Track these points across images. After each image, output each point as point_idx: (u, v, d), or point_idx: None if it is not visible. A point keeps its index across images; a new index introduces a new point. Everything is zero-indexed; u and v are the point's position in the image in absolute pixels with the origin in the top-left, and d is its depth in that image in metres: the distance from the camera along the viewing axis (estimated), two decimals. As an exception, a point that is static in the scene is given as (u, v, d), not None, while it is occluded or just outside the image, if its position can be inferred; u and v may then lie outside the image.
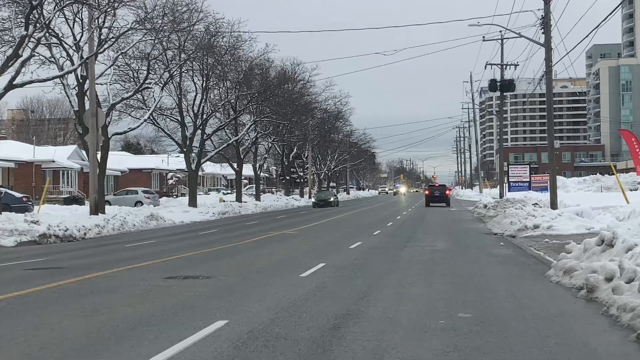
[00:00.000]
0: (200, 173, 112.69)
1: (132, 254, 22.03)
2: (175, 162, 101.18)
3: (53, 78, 36.56)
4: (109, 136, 45.10)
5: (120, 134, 51.60)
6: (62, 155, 71.88)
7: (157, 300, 11.96)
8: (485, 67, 70.18)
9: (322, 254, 21.10)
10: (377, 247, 23.31)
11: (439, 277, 15.20)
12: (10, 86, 33.37)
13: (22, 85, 33.87)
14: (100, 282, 14.65)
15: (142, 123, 48.50)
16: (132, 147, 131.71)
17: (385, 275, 15.56)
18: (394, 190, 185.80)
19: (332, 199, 73.67)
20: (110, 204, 60.30)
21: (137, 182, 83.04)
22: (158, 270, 16.70)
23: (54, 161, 70.70)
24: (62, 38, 42.40)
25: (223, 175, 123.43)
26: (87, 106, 40.36)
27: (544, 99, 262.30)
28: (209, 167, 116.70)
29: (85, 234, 33.64)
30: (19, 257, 21.81)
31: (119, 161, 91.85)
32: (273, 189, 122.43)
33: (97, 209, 38.81)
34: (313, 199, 75.26)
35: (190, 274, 15.71)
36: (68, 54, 42.36)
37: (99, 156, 44.19)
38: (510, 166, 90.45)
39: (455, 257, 20.08)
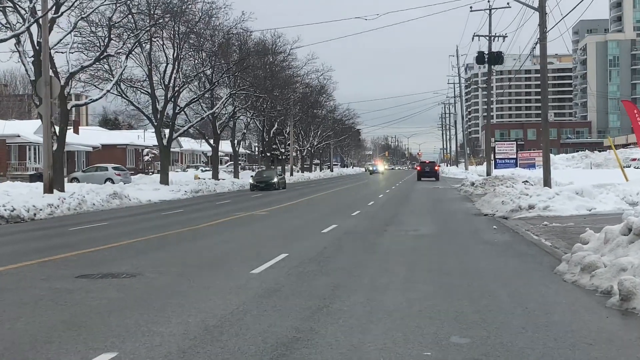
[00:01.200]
0: (178, 149, 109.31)
1: (67, 240, 18.91)
2: (151, 138, 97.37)
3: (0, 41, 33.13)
4: (69, 108, 41.70)
5: (81, 105, 48.23)
6: (29, 129, 68.17)
7: (41, 315, 8.85)
8: (473, 38, 67.50)
9: (288, 240, 18.05)
10: (353, 232, 20.27)
11: (423, 275, 12.17)
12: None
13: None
14: (-4, 281, 11.56)
15: (104, 94, 44.98)
16: (110, 123, 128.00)
17: (356, 272, 12.51)
18: (370, 169, 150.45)
19: (275, 180, 58.16)
20: (79, 181, 57.29)
21: (110, 159, 79.53)
22: (77, 264, 13.58)
23: (19, 136, 67.07)
24: (17, 2, 38.94)
25: (203, 152, 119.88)
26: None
27: (530, 75, 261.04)
28: (189, 144, 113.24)
29: (35, 214, 30.50)
30: None
31: (92, 137, 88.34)
32: (254, 166, 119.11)
33: (52, 186, 35.51)
34: (250, 180, 59.59)
35: (114, 271, 12.60)
36: (24, 19, 38.90)
37: (57, 129, 40.97)
38: (496, 143, 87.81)
39: (443, 245, 17.08)
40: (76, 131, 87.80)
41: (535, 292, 10.47)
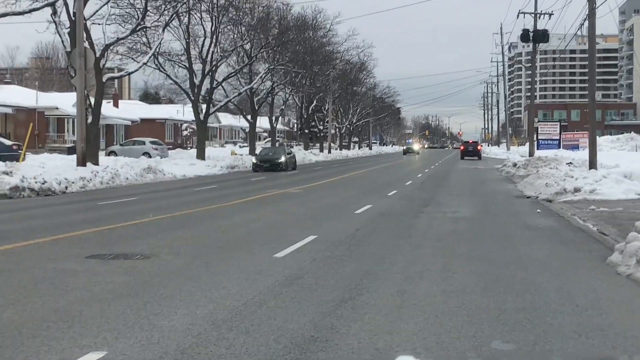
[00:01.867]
0: (217, 125, 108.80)
1: (90, 215, 18.17)
2: (190, 112, 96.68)
3: (32, 11, 32.49)
4: (104, 80, 41.03)
5: (116, 77, 47.65)
6: (67, 102, 67.69)
7: (35, 302, 7.98)
8: (518, 16, 66.04)
9: (319, 220, 17.10)
10: (388, 213, 19.26)
11: (461, 263, 11.15)
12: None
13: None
14: None
15: (140, 66, 44.31)
16: (150, 97, 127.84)
17: (388, 258, 11.53)
18: (405, 147, 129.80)
19: (282, 159, 47.93)
20: (117, 155, 56.96)
21: (149, 133, 79.02)
22: (91, 242, 12.76)
23: (57, 108, 66.80)
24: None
25: (241, 128, 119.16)
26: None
27: (575, 55, 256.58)
28: (228, 119, 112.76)
29: (66, 187, 29.91)
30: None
31: (131, 110, 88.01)
32: (293, 143, 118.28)
33: (85, 160, 34.92)
34: (253, 159, 49.83)
35: (128, 251, 11.75)
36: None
37: (92, 101, 40.36)
38: (539, 123, 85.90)
39: (483, 229, 16.01)
40: (116, 105, 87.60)
41: (585, 286, 9.41)
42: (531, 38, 60.03)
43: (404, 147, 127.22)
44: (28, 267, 10.14)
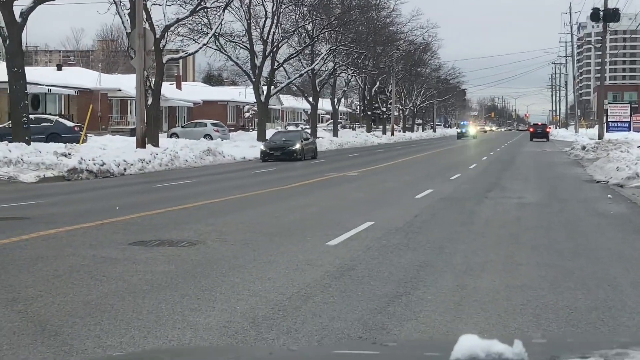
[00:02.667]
0: (279, 107, 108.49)
1: (143, 198, 17.80)
2: (253, 94, 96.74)
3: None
4: (164, 61, 40.80)
5: (176, 58, 47.45)
6: (130, 83, 67.93)
7: (66, 293, 7.48)
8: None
9: (376, 205, 16.42)
10: (450, 198, 18.47)
11: (527, 253, 10.37)
12: None
13: (53, -2, 29.87)
14: (36, 246, 10.34)
15: (200, 47, 44.04)
16: (213, 79, 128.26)
17: (448, 247, 10.80)
18: (459, 130, 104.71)
19: (297, 147, 38.46)
20: (179, 137, 57.06)
21: (212, 115, 79.11)
22: (138, 227, 12.28)
23: (120, 90, 67.10)
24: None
25: (304, 110, 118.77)
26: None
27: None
28: (290, 101, 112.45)
29: (125, 169, 29.75)
30: (5, 199, 17.76)
31: (194, 92, 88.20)
32: (355, 125, 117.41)
33: (144, 141, 34.76)
34: (262, 147, 40.09)
35: (174, 237, 11.23)
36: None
37: (153, 82, 40.19)
38: (609, 105, 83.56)
39: (551, 215, 15.13)
40: (179, 87, 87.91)
41: (665, 282, 8.57)
42: (601, 17, 58.17)
43: (458, 131, 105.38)
44: (67, 254, 9.68)
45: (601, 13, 58.00)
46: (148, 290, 7.59)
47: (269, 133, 59.19)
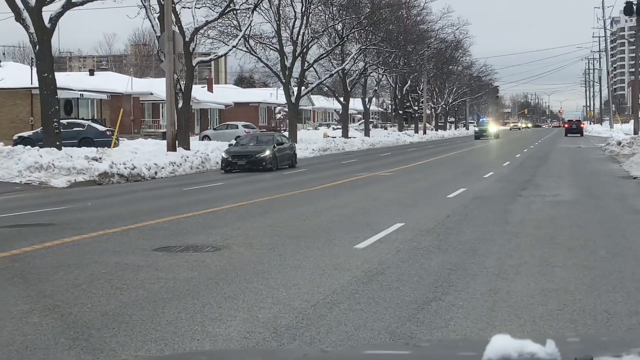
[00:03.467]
0: (310, 107, 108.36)
1: (172, 202, 17.63)
2: (284, 95, 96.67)
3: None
4: (194, 64, 40.73)
5: (206, 61, 47.40)
6: (161, 87, 68.13)
7: (85, 303, 7.26)
8: (621, -13, 62.92)
9: (407, 206, 16.09)
10: (483, 197, 18.09)
11: (563, 254, 10.00)
12: (69, 4, 29.43)
13: (82, 3, 29.84)
14: (59, 253, 10.16)
15: (230, 49, 43.88)
16: (245, 81, 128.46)
17: (481, 249, 10.47)
18: (476, 129, 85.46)
19: (266, 154, 31.42)
20: (210, 139, 57.14)
21: (243, 117, 79.17)
22: (163, 233, 12.06)
23: (152, 94, 67.30)
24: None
25: (335, 110, 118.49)
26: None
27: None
28: (321, 102, 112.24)
29: (156, 173, 29.72)
30: (34, 205, 17.69)
31: (225, 95, 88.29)
32: (387, 124, 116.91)
33: (175, 144, 34.71)
34: (223, 154, 32.77)
35: (199, 242, 10.99)
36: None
37: (183, 85, 40.10)
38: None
39: (587, 214, 14.71)
40: (210, 89, 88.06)
41: None
42: (635, 11, 57.26)
43: (475, 129, 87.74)
44: (90, 261, 9.48)
45: (634, 7, 57.11)
46: (169, 299, 7.36)
47: (301, 134, 59.07)
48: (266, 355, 3.05)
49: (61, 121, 45.78)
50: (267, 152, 31.52)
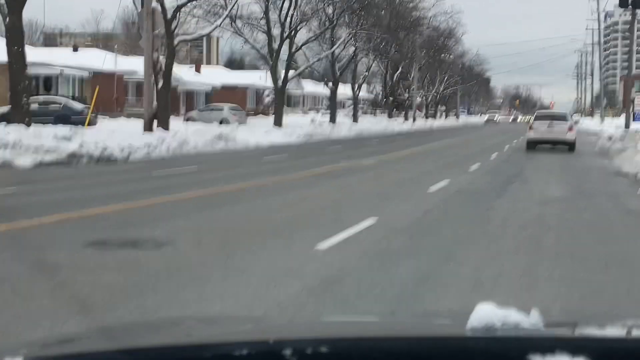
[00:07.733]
0: (300, 92, 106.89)
1: (130, 188, 16.36)
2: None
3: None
4: (175, 43, 39.34)
5: (188, 40, 46.03)
6: (146, 67, 66.75)
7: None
8: (617, -22, 61.81)
9: (384, 200, 14.91)
10: (466, 191, 16.94)
11: (550, 263, 8.83)
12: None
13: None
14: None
15: (214, 28, 42.57)
16: (235, 64, 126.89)
17: (458, 253, 9.30)
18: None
19: None
20: (195, 120, 55.97)
21: (231, 99, 77.61)
22: (104, 224, 10.80)
23: (136, 72, 65.76)
24: None
25: (326, 96, 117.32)
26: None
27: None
28: (311, 87, 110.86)
29: (129, 154, 28.35)
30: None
31: (213, 76, 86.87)
32: (377, 111, 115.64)
33: (151, 125, 33.45)
34: None
35: (142, 236, 9.71)
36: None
37: (163, 63, 38.72)
38: (636, 94, 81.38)
39: (576, 213, 13.56)
40: (198, 70, 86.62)
41: None
42: (630, 3, 56.21)
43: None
44: (5, 258, 8.23)
45: (630, -1, 56.04)
46: (66, 318, 6.05)
47: (289, 118, 57.83)
48: (256, 322, 3.11)
49: (38, 98, 44.59)
50: None
